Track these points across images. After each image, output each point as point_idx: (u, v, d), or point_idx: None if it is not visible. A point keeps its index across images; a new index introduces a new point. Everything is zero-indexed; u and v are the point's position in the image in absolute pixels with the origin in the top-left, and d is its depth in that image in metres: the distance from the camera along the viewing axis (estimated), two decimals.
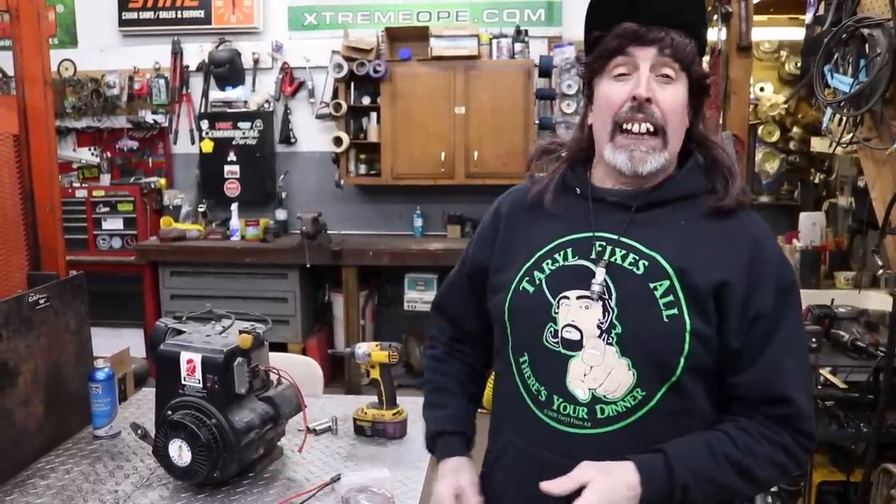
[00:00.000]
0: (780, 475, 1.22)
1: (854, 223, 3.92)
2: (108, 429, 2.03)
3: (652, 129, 1.22)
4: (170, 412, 1.71)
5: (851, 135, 2.36)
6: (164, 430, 1.70)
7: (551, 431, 1.25)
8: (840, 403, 2.60)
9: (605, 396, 1.21)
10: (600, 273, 1.22)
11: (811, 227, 4.02)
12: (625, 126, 1.23)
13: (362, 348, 2.07)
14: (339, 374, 5.16)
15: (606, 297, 1.22)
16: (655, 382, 1.19)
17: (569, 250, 1.27)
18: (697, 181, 1.28)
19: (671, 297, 1.19)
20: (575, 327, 1.23)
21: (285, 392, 1.84)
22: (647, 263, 1.22)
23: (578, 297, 1.24)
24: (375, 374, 2.06)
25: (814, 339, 2.48)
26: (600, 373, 1.21)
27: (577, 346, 1.23)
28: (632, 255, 1.23)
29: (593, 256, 1.25)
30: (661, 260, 1.21)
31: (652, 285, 1.20)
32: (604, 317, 1.21)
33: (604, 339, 1.21)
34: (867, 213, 3.26)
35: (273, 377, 1.88)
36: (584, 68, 1.32)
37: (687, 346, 1.18)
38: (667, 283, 1.20)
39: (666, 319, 1.19)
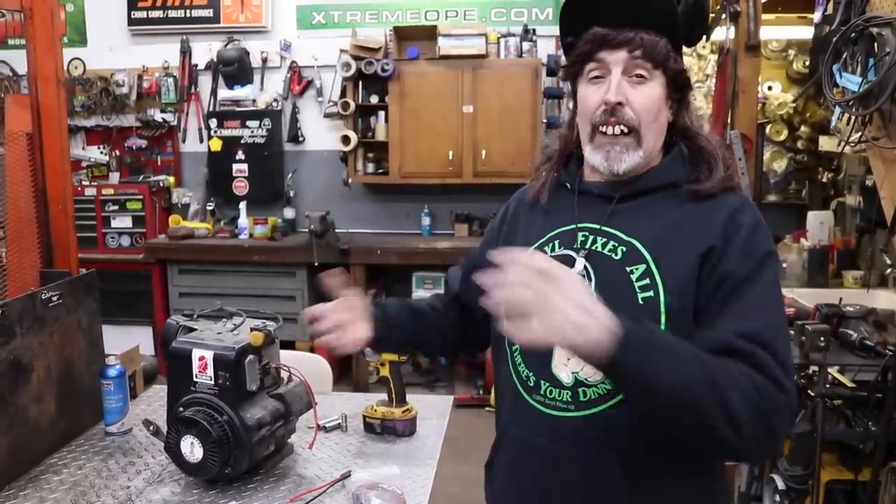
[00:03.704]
0: (754, 414, 1.06)
1: (862, 222, 3.92)
2: (119, 425, 2.05)
3: (626, 129, 1.25)
4: (181, 409, 1.72)
5: (860, 134, 2.36)
6: (176, 426, 1.71)
7: (539, 416, 1.29)
8: (848, 402, 2.60)
9: (586, 379, 1.24)
10: (580, 262, 1.28)
11: (819, 226, 4.02)
12: (600, 129, 1.27)
13: None
14: (347, 372, 5.17)
15: (587, 282, 1.25)
16: None
17: (556, 242, 1.33)
18: (679, 170, 1.31)
19: (647, 280, 1.22)
20: None
21: (296, 389, 1.85)
22: (625, 249, 1.26)
23: None
24: (385, 371, 2.06)
25: (822, 338, 2.48)
26: None
27: None
28: (611, 243, 1.27)
29: (576, 246, 1.30)
30: (638, 245, 1.25)
31: (628, 269, 1.24)
32: None
33: None
34: (875, 212, 3.25)
35: (284, 374, 1.89)
36: (564, 72, 1.38)
37: (663, 328, 1.20)
38: (643, 266, 1.23)
39: (641, 301, 1.21)
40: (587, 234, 1.30)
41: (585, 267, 1.27)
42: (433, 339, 1.64)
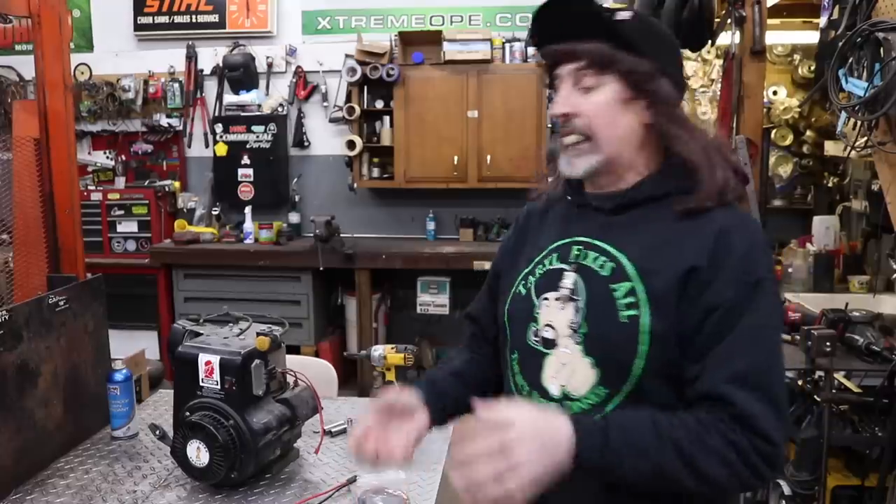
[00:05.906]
0: (730, 475, 1.10)
1: (868, 227, 3.91)
2: (126, 430, 2.05)
3: (581, 138, 1.27)
4: (188, 413, 1.73)
5: (866, 139, 2.35)
6: (183, 431, 1.71)
7: None
8: (854, 408, 2.60)
9: (571, 394, 1.25)
10: (569, 276, 1.28)
11: (825, 230, 4.01)
12: (561, 138, 1.31)
13: (378, 351, 2.09)
14: (351, 377, 5.17)
15: (577, 298, 1.26)
16: (617, 381, 1.21)
17: (554, 255, 1.34)
18: (669, 182, 1.28)
19: (632, 299, 1.21)
20: (551, 327, 1.28)
21: (302, 394, 1.86)
22: (613, 265, 1.25)
23: (556, 299, 1.29)
24: (391, 376, 2.07)
25: (828, 343, 2.48)
26: (569, 370, 1.25)
27: (552, 344, 1.28)
28: (602, 258, 1.27)
29: (570, 260, 1.30)
30: (625, 261, 1.24)
31: (612, 287, 1.23)
32: (575, 317, 1.26)
33: (573, 339, 1.25)
34: (881, 216, 3.24)
35: (290, 379, 1.89)
36: (549, 91, 1.42)
37: (645, 347, 1.18)
38: (628, 284, 1.22)
39: (624, 320, 1.20)
40: (581, 247, 1.30)
41: (576, 282, 1.27)
42: (480, 389, 1.48)
